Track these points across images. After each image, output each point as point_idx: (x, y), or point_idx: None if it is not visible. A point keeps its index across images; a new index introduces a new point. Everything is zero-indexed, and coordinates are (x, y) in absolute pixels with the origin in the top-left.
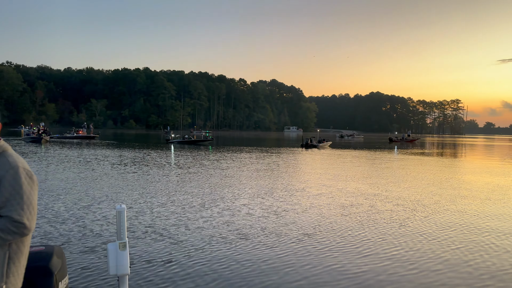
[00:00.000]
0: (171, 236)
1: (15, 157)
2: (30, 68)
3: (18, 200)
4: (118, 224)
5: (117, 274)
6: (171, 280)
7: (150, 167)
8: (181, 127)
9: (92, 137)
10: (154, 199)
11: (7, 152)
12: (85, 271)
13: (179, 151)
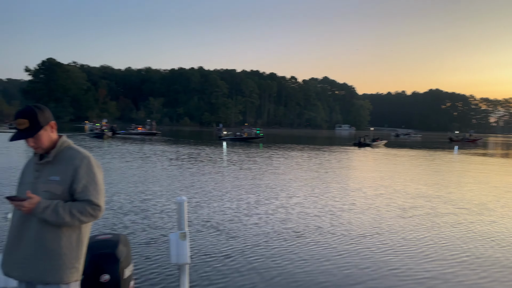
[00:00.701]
0: (228, 231)
1: (82, 149)
2: (93, 68)
3: (94, 186)
4: (179, 215)
5: (178, 263)
6: (230, 274)
7: (205, 163)
8: (232, 124)
9: (154, 134)
10: (210, 194)
11: (72, 145)
12: (148, 260)
13: (231, 148)
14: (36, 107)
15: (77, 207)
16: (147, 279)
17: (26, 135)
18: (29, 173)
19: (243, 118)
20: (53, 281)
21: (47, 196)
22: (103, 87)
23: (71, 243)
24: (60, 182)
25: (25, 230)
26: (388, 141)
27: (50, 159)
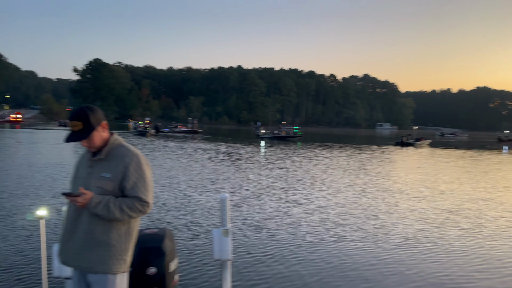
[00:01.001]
0: (268, 230)
1: (132, 147)
2: (137, 68)
3: (143, 183)
4: (222, 211)
5: (221, 259)
6: (270, 274)
7: (244, 161)
8: (270, 123)
9: (195, 132)
10: (250, 192)
11: (123, 143)
12: (190, 255)
13: (269, 147)
14: (88, 108)
15: (126, 203)
16: (190, 273)
17: (79, 136)
18: (82, 168)
19: (281, 117)
20: (101, 270)
21: (99, 191)
22: (146, 86)
23: (120, 236)
24: (111, 178)
25: (78, 223)
26: (433, 141)
27: (102, 157)
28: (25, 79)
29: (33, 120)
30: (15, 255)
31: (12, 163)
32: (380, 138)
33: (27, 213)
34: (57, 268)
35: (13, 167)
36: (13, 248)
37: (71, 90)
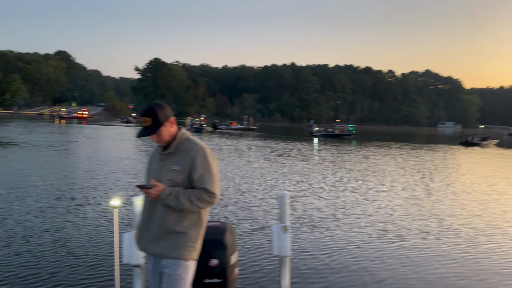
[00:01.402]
0: (325, 230)
1: (198, 140)
2: (194, 66)
3: (209, 175)
4: (281, 208)
5: (279, 255)
6: (328, 274)
7: (298, 158)
8: (323, 120)
9: (251, 129)
10: (305, 190)
11: (190, 137)
12: (249, 250)
13: (323, 144)
14: (157, 105)
15: (195, 194)
16: (248, 268)
17: (149, 132)
18: (155, 161)
19: (335, 114)
20: (174, 256)
21: (170, 183)
22: (202, 84)
23: (191, 225)
24: (180, 171)
25: (153, 213)
26: (500, 141)
27: (171, 150)
28: (91, 77)
29: (98, 117)
30: (88, 243)
31: (80, 158)
32: (442, 137)
33: (102, 203)
34: (127, 256)
35: (82, 161)
36: (86, 236)
37: (133, 88)
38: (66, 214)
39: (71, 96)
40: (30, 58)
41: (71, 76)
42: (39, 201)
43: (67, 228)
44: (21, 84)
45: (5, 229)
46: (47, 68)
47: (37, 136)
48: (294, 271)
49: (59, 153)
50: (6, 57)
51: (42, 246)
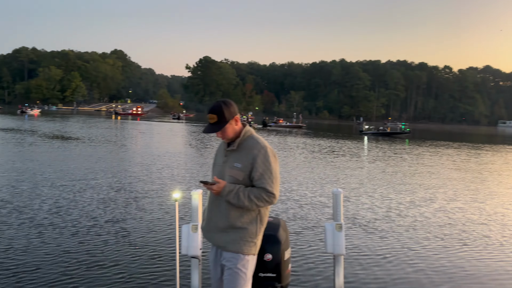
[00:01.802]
0: (379, 231)
1: (261, 139)
2: (242, 64)
3: (269, 174)
4: (335, 206)
5: (333, 253)
6: (383, 274)
7: (348, 157)
8: (374, 118)
9: (300, 127)
10: (357, 190)
11: (253, 134)
12: (301, 247)
13: (374, 143)
14: (224, 103)
15: (254, 193)
16: (300, 265)
17: (214, 128)
18: (220, 157)
19: (386, 112)
20: (234, 250)
21: (231, 180)
22: (250, 82)
23: (251, 221)
24: (242, 168)
25: (216, 205)
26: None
27: (234, 148)
28: (145, 75)
29: (151, 113)
30: (148, 233)
31: (136, 152)
32: (503, 137)
33: (159, 196)
34: (185, 247)
35: (137, 155)
36: (145, 227)
37: (183, 86)
38: (125, 206)
39: (127, 93)
40: (88, 57)
41: (126, 74)
42: (100, 193)
43: (127, 219)
44: (80, 82)
45: (71, 219)
46: (104, 66)
47: (96, 131)
48: (347, 270)
49: (117, 147)
50: (67, 56)
51: (104, 236)
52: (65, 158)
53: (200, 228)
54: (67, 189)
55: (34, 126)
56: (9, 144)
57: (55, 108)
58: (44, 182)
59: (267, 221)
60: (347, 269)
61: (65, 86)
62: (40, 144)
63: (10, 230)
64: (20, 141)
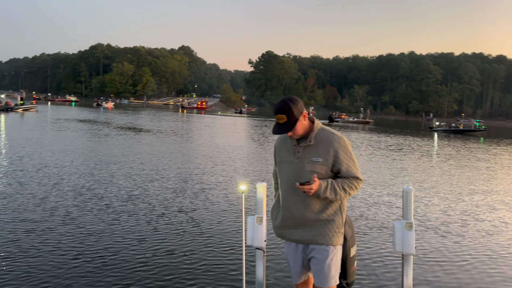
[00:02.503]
0: (452, 235)
1: (334, 130)
2: (304, 58)
3: (353, 163)
4: (405, 204)
5: (402, 253)
6: (455, 282)
7: (418, 155)
8: (445, 114)
9: (367, 122)
10: (428, 190)
11: (324, 126)
12: (370, 245)
13: (444, 141)
14: (291, 101)
15: (346, 183)
16: (367, 264)
17: (285, 129)
18: (287, 153)
19: (459, 108)
20: (324, 242)
21: (311, 175)
22: (312, 76)
23: (336, 211)
24: (323, 162)
25: (294, 203)
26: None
27: (311, 143)
28: (210, 71)
29: (215, 107)
30: (216, 224)
31: (202, 144)
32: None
33: (225, 188)
34: (250, 238)
35: (203, 147)
36: (214, 218)
37: (246, 80)
38: (193, 196)
39: (192, 88)
40: (158, 53)
41: (192, 69)
42: (169, 183)
43: (196, 210)
44: (151, 77)
45: (145, 207)
46: (172, 62)
47: (165, 124)
48: (416, 272)
49: (183, 140)
50: (139, 52)
51: (175, 225)
52: (137, 149)
53: (264, 221)
54: (140, 179)
55: (108, 118)
56: (88, 134)
57: (126, 102)
58: (119, 171)
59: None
60: (416, 268)
61: (136, 80)
62: (114, 135)
63: (88, 216)
64: (97, 132)
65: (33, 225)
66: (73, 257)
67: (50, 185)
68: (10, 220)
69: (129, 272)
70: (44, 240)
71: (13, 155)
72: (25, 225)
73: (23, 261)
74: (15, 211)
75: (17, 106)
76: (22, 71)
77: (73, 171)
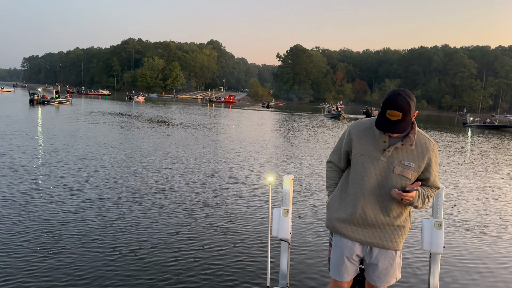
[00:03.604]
0: (486, 236)
1: (427, 135)
2: (333, 52)
3: (437, 172)
4: (435, 202)
5: (430, 251)
6: (484, 282)
7: (451, 151)
8: (479, 109)
9: None
10: (459, 189)
11: (420, 130)
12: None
13: (480, 137)
14: (410, 98)
15: (430, 193)
16: None
17: (396, 129)
18: (371, 147)
19: (494, 103)
20: (391, 247)
21: (401, 180)
22: (341, 70)
23: (406, 218)
24: (415, 169)
25: (372, 202)
26: None
27: (412, 146)
28: (238, 65)
29: (242, 102)
30: (243, 215)
31: (230, 138)
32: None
33: (252, 181)
34: (276, 230)
35: (231, 141)
36: (242, 210)
37: (273, 74)
38: (222, 189)
39: (221, 82)
40: (187, 47)
41: (221, 64)
42: (198, 177)
43: (225, 202)
44: (180, 71)
45: (174, 200)
46: (201, 56)
47: (194, 118)
48: (442, 271)
49: (213, 133)
50: (169, 47)
51: (203, 218)
52: (168, 142)
53: (290, 213)
54: (171, 172)
55: (140, 112)
56: (121, 128)
57: (155, 96)
58: (151, 165)
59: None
60: (444, 271)
61: (166, 75)
62: (146, 128)
63: (122, 209)
64: (130, 125)
65: (70, 216)
66: (108, 250)
67: (85, 177)
68: (48, 211)
69: (162, 263)
70: (79, 232)
71: (50, 147)
72: (63, 217)
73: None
74: (53, 201)
75: (53, 100)
76: (57, 65)
77: (107, 164)
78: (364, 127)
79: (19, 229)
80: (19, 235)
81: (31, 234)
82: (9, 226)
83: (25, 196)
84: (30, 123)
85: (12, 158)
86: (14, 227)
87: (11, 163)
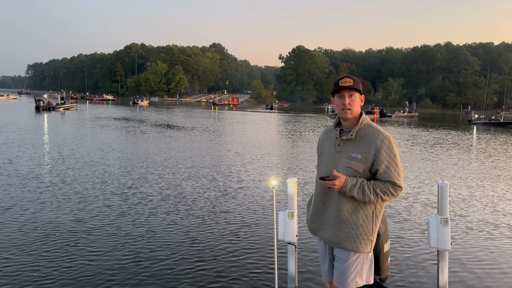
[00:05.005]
0: (492, 235)
1: (381, 128)
2: (336, 52)
3: (395, 167)
4: (440, 199)
5: (438, 248)
6: (490, 280)
7: (457, 150)
8: (484, 107)
9: (412, 116)
10: (468, 188)
11: (371, 123)
12: (402, 241)
13: (486, 134)
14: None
15: (380, 187)
16: (399, 259)
17: (350, 87)
18: (329, 146)
19: (499, 100)
20: (348, 247)
21: (348, 172)
22: (344, 70)
23: (367, 217)
24: (362, 160)
25: (327, 198)
26: None
27: (352, 137)
28: (240, 67)
29: (246, 104)
30: (249, 219)
31: (233, 140)
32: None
33: (257, 183)
34: (281, 233)
35: (234, 144)
36: (247, 213)
37: (276, 76)
38: (227, 192)
39: (224, 84)
40: (190, 51)
41: (224, 66)
42: (203, 180)
43: (230, 206)
44: (183, 75)
45: (179, 205)
46: (204, 59)
47: (198, 121)
48: (450, 268)
49: (217, 136)
50: (171, 51)
51: (208, 223)
52: (172, 146)
53: (295, 216)
54: (175, 177)
55: (144, 116)
56: (127, 132)
57: (158, 99)
58: (157, 169)
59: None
60: (454, 268)
61: (170, 79)
62: (151, 132)
63: (134, 214)
64: (135, 130)
65: (79, 224)
66: (115, 258)
67: (94, 183)
68: (57, 219)
69: (169, 269)
70: (94, 240)
71: (58, 153)
72: (71, 225)
73: (71, 262)
74: (61, 207)
75: (58, 106)
76: (61, 71)
77: (115, 170)
78: (328, 129)
79: (29, 239)
80: (28, 244)
81: (40, 241)
82: (18, 234)
83: (34, 204)
84: (37, 129)
85: (21, 166)
86: (24, 235)
87: (20, 170)
